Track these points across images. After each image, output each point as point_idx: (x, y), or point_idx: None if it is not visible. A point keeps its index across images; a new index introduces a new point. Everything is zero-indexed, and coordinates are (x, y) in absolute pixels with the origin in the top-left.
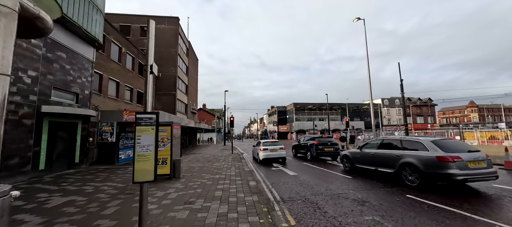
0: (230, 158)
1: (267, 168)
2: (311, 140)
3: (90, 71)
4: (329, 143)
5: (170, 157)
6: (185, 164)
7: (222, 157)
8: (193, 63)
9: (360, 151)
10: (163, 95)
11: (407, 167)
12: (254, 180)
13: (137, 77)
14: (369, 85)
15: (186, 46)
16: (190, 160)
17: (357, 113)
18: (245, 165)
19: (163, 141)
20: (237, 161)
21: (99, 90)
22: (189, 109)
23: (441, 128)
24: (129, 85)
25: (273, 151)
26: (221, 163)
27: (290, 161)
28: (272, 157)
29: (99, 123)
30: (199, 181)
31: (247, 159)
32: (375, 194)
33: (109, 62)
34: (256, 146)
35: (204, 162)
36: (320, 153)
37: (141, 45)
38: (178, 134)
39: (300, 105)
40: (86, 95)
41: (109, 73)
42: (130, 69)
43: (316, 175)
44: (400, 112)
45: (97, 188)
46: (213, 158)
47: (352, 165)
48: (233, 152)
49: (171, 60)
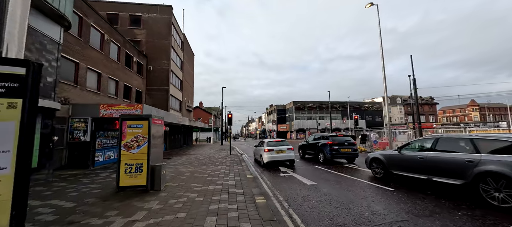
0: (228, 160)
1: (274, 174)
2: (322, 139)
3: (55, 54)
4: (346, 143)
5: (147, 163)
6: (174, 168)
7: (218, 158)
8: (189, 58)
9: (399, 153)
10: (155, 90)
11: (491, 178)
12: (262, 194)
13: (124, 69)
14: (384, 78)
15: (181, 39)
16: (182, 163)
17: (358, 112)
18: (246, 170)
19: (138, 141)
20: (236, 164)
21: (74, 80)
22: (184, 106)
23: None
24: (114, 77)
25: (279, 153)
26: (218, 167)
27: (299, 164)
28: (279, 159)
29: (70, 119)
30: (186, 195)
31: (248, 161)
32: (456, 224)
33: (88, 49)
34: (259, 146)
35: (197, 165)
36: (336, 154)
37: (130, 35)
38: (160, 132)
39: (300, 103)
40: (48, 84)
41: (88, 61)
42: (115, 60)
43: (341, 186)
44: (401, 110)
45: (30, 210)
46: (209, 161)
47: (385, 171)
48: (231, 153)
49: (163, 53)
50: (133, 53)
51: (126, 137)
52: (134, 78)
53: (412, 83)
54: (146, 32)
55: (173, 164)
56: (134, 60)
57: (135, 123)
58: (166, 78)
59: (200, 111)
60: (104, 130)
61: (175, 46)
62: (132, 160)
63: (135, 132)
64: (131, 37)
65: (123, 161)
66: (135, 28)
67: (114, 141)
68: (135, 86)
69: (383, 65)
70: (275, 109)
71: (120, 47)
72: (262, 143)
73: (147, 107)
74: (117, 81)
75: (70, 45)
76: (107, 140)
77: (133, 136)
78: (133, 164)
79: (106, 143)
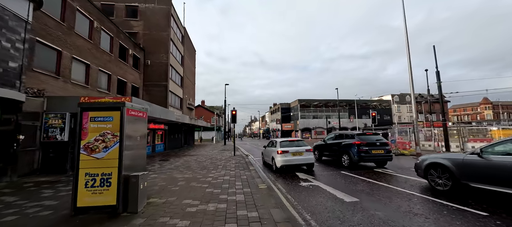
0: (233, 163)
1: (292, 183)
2: (345, 138)
3: (21, 34)
4: (377, 143)
5: (118, 172)
6: (168, 174)
7: (222, 161)
8: (190, 54)
9: (481, 158)
10: (153, 86)
11: None
12: (287, 220)
13: (118, 62)
14: (410, 71)
15: (181, 32)
16: (178, 166)
17: (366, 110)
18: (256, 176)
19: (105, 140)
20: (243, 168)
21: (56, 71)
22: (184, 104)
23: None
24: (105, 70)
25: (296, 155)
26: (220, 172)
27: (318, 168)
28: (295, 163)
29: (44, 114)
30: (172, 224)
31: (255, 164)
32: None
33: (73, 37)
34: (269, 147)
35: (197, 169)
36: (365, 157)
37: (127, 27)
38: (141, 129)
39: (305, 102)
40: (11, 70)
41: (73, 50)
42: (106, 51)
43: (396, 203)
44: (411, 109)
45: None
46: (210, 163)
47: (454, 183)
48: (235, 154)
49: (162, 46)
50: (128, 45)
51: (87, 135)
52: (130, 72)
53: (436, 76)
54: (143, 24)
55: (168, 168)
56: (129, 53)
57: (101, 115)
58: (165, 73)
59: (202, 109)
60: None
61: (174, 40)
62: (96, 168)
63: (101, 128)
64: (127, 29)
65: (82, 170)
66: (132, 20)
67: None
68: (131, 81)
69: (409, 58)
70: (279, 107)
71: (112, 37)
72: (274, 143)
73: (138, 101)
74: (109, 74)
75: (51, 30)
76: None
77: (98, 134)
78: (97, 175)
79: None
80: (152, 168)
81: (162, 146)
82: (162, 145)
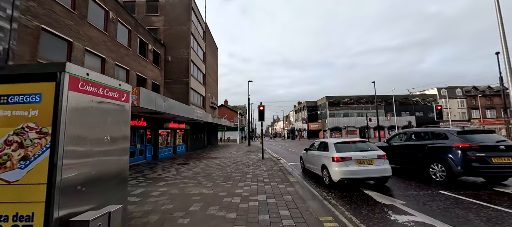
0: (264, 170)
1: (374, 215)
2: (432, 139)
3: (6, 10)
4: (501, 146)
5: (46, 213)
6: (179, 188)
7: (249, 166)
8: (212, 51)
9: None
10: (174, 83)
11: None
12: None
13: (137, 58)
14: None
15: (202, 28)
16: (197, 174)
17: (406, 107)
18: (306, 197)
19: (23, 144)
20: (280, 180)
21: None
22: (207, 102)
23: None
24: (123, 65)
25: (364, 164)
26: (252, 187)
27: (393, 184)
28: (364, 177)
29: None
30: None
31: (294, 172)
32: None
33: (86, 27)
34: (315, 150)
35: (219, 180)
36: (480, 168)
37: (148, 23)
38: (114, 124)
39: (334, 98)
40: None
41: (85, 42)
42: (124, 45)
43: None
44: (462, 104)
45: None
46: (235, 169)
47: None
48: (264, 157)
49: (183, 40)
50: (148, 39)
51: None
52: (150, 69)
53: (506, 62)
54: (163, 19)
55: (185, 175)
56: (149, 48)
57: (15, 90)
58: (186, 69)
59: (225, 109)
60: None
61: (195, 34)
62: (1, 204)
63: (16, 118)
64: (148, 25)
65: None
66: (153, 15)
67: None
68: (151, 78)
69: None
70: (305, 106)
71: (131, 31)
72: (324, 145)
73: (153, 95)
74: (127, 70)
75: (59, 17)
76: None
77: (11, 130)
78: (5, 219)
79: None
80: (166, 175)
81: (184, 147)
82: (183, 146)
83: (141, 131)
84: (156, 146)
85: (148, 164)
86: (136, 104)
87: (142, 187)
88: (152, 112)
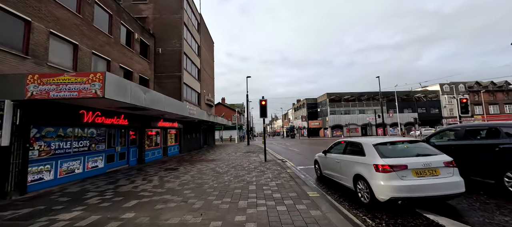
0: (269, 177)
1: None
2: (495, 137)
3: None
4: None
5: None
6: (153, 214)
7: (251, 172)
8: (207, 45)
9: None
10: (165, 78)
11: None
12: None
13: (120, 47)
14: None
15: (196, 19)
16: (184, 185)
17: (408, 104)
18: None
19: None
20: (294, 194)
21: (24, 49)
22: (203, 99)
23: None
24: (102, 55)
25: (426, 176)
26: (258, 209)
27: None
28: (429, 195)
29: None
30: None
31: (308, 180)
32: None
33: (51, 6)
34: (337, 152)
35: (213, 195)
36: None
37: (135, 12)
38: None
39: (335, 95)
40: None
41: (50, 23)
42: (103, 31)
43: None
44: None
45: None
46: (234, 178)
47: None
48: (266, 159)
49: (174, 31)
50: (134, 28)
51: None
52: (137, 61)
53: None
54: (153, 7)
55: (167, 188)
56: (136, 38)
57: None
58: (178, 62)
59: (223, 107)
60: (57, 124)
61: (189, 25)
62: None
63: None
64: (136, 14)
65: None
66: (140, 3)
67: (82, 143)
68: (138, 72)
69: None
70: (305, 103)
71: (111, 16)
72: (356, 146)
73: (126, 83)
74: (108, 60)
75: None
76: (65, 143)
77: None
78: None
79: (63, 148)
80: (144, 187)
81: (176, 148)
82: (176, 147)
83: (122, 130)
84: (141, 148)
85: (129, 170)
86: (101, 95)
87: (100, 211)
88: (132, 108)
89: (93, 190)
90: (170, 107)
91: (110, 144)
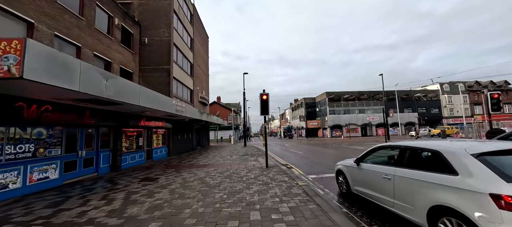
0: (277, 194)
1: None
2: None
3: None
4: None
5: None
6: None
7: (251, 185)
8: (201, 39)
9: None
10: (152, 71)
11: None
12: None
13: (94, 32)
14: None
15: (189, 9)
16: (153, 210)
17: (407, 103)
18: None
19: None
20: None
21: None
22: (196, 97)
23: None
24: (69, 39)
25: None
26: None
27: None
28: None
29: None
30: None
31: (331, 199)
32: None
33: None
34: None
35: None
36: None
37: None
38: None
39: (334, 95)
40: None
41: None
42: (71, 10)
43: None
44: (466, 99)
45: None
46: (229, 195)
47: None
48: (268, 165)
49: (162, 18)
50: (114, 12)
51: None
52: (117, 50)
53: None
54: None
55: (128, 216)
56: (116, 23)
57: None
58: (167, 54)
59: (218, 106)
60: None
61: (179, 14)
62: None
63: None
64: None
65: None
66: None
67: (23, 148)
68: (119, 63)
69: None
70: (303, 103)
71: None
72: (432, 156)
73: (65, 58)
74: (77, 46)
75: None
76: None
77: None
78: None
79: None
80: (91, 216)
81: (164, 151)
82: (164, 149)
83: (89, 130)
84: (116, 152)
85: (95, 181)
86: (17, 74)
87: None
88: (94, 100)
89: (14, 218)
90: (149, 102)
91: (70, 148)
